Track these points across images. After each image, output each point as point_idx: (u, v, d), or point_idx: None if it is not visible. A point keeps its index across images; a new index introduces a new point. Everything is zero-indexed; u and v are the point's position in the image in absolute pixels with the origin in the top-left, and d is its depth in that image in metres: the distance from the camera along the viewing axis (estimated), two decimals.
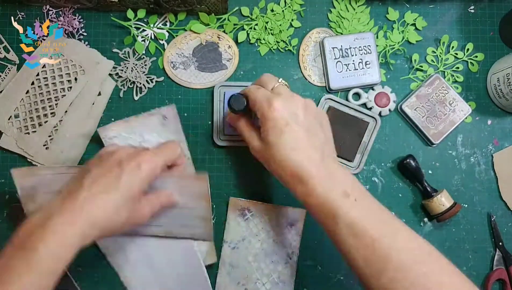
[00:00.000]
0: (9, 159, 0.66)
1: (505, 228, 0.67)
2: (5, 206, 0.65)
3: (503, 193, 0.68)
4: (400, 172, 0.67)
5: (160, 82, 0.67)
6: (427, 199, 0.65)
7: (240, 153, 0.67)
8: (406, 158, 0.66)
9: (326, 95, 0.66)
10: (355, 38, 0.67)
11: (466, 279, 0.46)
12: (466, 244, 0.67)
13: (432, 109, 0.67)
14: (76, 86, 0.66)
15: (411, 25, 0.69)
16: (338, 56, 0.67)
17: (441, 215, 0.64)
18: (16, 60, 0.67)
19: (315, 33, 0.69)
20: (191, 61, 0.68)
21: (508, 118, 0.69)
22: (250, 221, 0.64)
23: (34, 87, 0.66)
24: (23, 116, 0.66)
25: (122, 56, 0.67)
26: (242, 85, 0.66)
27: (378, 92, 0.67)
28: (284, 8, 0.68)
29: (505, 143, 0.68)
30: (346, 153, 0.66)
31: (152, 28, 0.68)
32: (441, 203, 0.64)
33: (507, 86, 0.64)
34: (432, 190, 0.65)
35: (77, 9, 0.68)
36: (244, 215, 0.64)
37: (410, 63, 0.69)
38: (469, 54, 0.69)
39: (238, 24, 0.68)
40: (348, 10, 0.69)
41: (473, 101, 0.69)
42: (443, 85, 0.67)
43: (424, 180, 0.65)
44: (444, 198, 0.64)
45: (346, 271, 0.66)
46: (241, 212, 0.64)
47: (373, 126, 0.66)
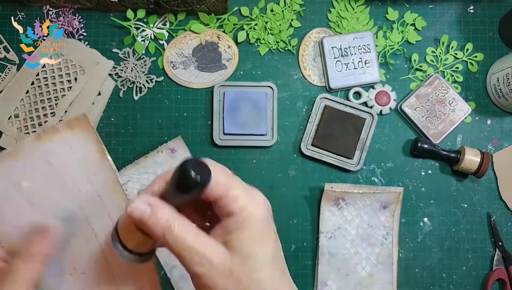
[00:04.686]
0: None
1: (504, 228, 0.67)
2: None
3: (503, 193, 0.67)
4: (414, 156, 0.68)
5: (160, 82, 0.68)
6: (457, 164, 0.66)
7: (240, 153, 0.67)
8: (416, 143, 0.66)
9: (321, 94, 0.67)
10: (354, 37, 0.67)
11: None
12: (466, 244, 0.67)
13: (432, 109, 0.67)
14: (76, 86, 0.66)
15: (411, 25, 0.69)
16: (337, 56, 0.67)
17: (478, 169, 0.64)
18: (16, 60, 0.67)
19: (314, 33, 0.69)
20: (190, 61, 0.68)
21: (508, 118, 0.69)
22: (344, 209, 0.65)
23: (34, 87, 0.66)
24: (23, 116, 0.66)
25: (122, 56, 0.67)
26: (242, 85, 0.66)
27: (378, 91, 0.67)
28: (283, 8, 0.69)
29: (504, 143, 0.68)
30: (345, 150, 0.66)
31: (152, 28, 0.68)
32: (471, 159, 0.64)
33: (506, 86, 0.64)
34: (454, 153, 0.66)
35: (77, 9, 0.68)
36: (338, 204, 0.65)
37: (409, 63, 0.69)
38: (468, 54, 0.69)
39: (238, 24, 0.68)
40: (347, 10, 0.69)
41: (473, 101, 0.69)
42: (442, 85, 0.67)
43: (442, 153, 0.66)
44: (468, 153, 0.65)
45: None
46: (334, 202, 0.65)
47: (370, 122, 0.66)
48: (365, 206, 0.65)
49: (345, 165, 0.66)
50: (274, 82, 0.67)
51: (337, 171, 0.67)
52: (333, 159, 0.66)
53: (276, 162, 0.67)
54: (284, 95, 0.68)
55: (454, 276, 0.66)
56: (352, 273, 0.64)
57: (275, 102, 0.66)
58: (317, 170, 0.67)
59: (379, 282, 0.64)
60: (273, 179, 0.67)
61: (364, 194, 0.64)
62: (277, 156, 0.67)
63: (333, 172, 0.67)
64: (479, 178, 0.66)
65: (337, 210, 0.65)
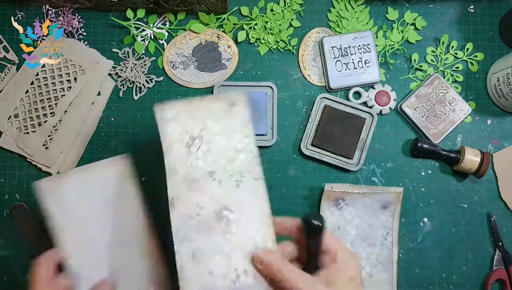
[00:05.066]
0: (9, 159, 0.66)
1: (504, 228, 0.67)
2: (5, 206, 0.65)
3: (503, 193, 0.67)
4: (414, 156, 0.68)
5: (159, 81, 0.67)
6: (457, 164, 0.65)
7: None
8: (416, 143, 0.66)
9: (321, 94, 0.66)
10: (354, 37, 0.67)
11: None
12: (466, 244, 0.67)
13: (432, 108, 0.67)
14: (76, 86, 0.66)
15: (411, 25, 0.69)
16: (337, 55, 0.67)
17: (478, 169, 0.64)
18: (15, 60, 0.67)
19: (314, 32, 0.69)
20: (190, 60, 0.68)
21: (508, 118, 0.69)
22: (344, 209, 0.65)
23: (33, 87, 0.66)
24: (23, 116, 0.66)
25: (121, 56, 0.67)
26: (242, 85, 0.66)
27: (378, 91, 0.67)
28: (283, 8, 0.68)
29: (504, 143, 0.68)
30: (345, 150, 0.66)
31: (151, 28, 0.68)
32: (471, 159, 0.64)
33: (507, 85, 0.64)
34: (454, 153, 0.66)
35: (77, 9, 0.68)
36: (338, 204, 0.65)
37: (409, 62, 0.69)
38: (468, 53, 0.69)
39: (238, 23, 0.68)
40: (347, 9, 0.69)
41: (473, 101, 0.69)
42: (442, 85, 0.67)
43: (442, 153, 0.66)
44: (468, 153, 0.64)
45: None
46: (334, 202, 0.65)
47: (370, 122, 0.66)
48: (365, 207, 0.65)
49: (345, 165, 0.66)
50: (274, 82, 0.67)
51: (337, 171, 0.67)
52: (333, 159, 0.66)
53: (276, 162, 0.67)
54: (284, 95, 0.68)
55: (454, 276, 0.66)
56: None
57: (275, 102, 0.66)
58: (317, 170, 0.67)
59: (378, 282, 0.64)
60: (273, 179, 0.67)
61: (364, 194, 0.64)
62: (277, 156, 0.67)
63: (333, 172, 0.67)
64: (479, 178, 0.66)
65: (337, 210, 0.65)
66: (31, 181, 0.65)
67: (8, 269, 0.65)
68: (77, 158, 0.66)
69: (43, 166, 0.65)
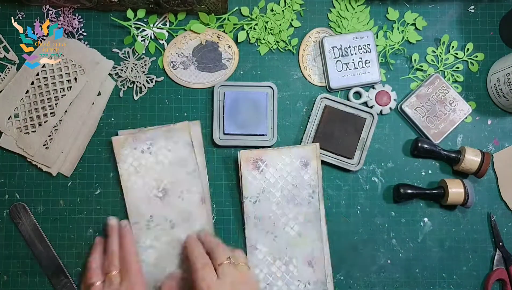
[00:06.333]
0: (9, 159, 0.66)
1: (505, 228, 0.67)
2: (5, 206, 0.65)
3: (503, 193, 0.67)
4: (414, 156, 0.67)
5: (160, 82, 0.67)
6: (457, 164, 0.65)
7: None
8: (416, 143, 0.66)
9: (321, 94, 0.66)
10: (354, 37, 0.67)
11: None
12: (466, 244, 0.67)
13: (432, 109, 0.67)
14: (76, 86, 0.66)
15: (411, 25, 0.69)
16: (337, 55, 0.67)
17: (479, 169, 0.64)
18: (16, 60, 0.67)
19: (315, 33, 0.69)
20: (191, 61, 0.68)
21: (508, 118, 0.69)
22: (266, 171, 0.65)
23: (34, 87, 0.66)
24: (23, 116, 0.66)
25: (122, 56, 0.67)
26: (242, 85, 0.66)
27: (378, 91, 0.67)
28: (284, 8, 0.68)
29: (505, 143, 0.68)
30: (346, 150, 0.66)
31: (152, 28, 0.68)
32: (471, 159, 0.64)
33: (507, 85, 0.64)
34: (455, 153, 0.66)
35: (77, 9, 0.68)
36: (258, 167, 0.64)
37: (410, 63, 0.69)
38: (469, 54, 0.69)
39: (238, 24, 0.68)
40: (348, 9, 0.69)
41: (473, 101, 0.69)
42: (443, 85, 0.67)
43: (442, 153, 0.66)
44: (469, 153, 0.64)
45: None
46: (254, 165, 0.64)
47: (370, 122, 0.66)
48: (286, 166, 0.65)
49: (345, 165, 0.66)
50: (274, 82, 0.67)
51: (337, 171, 0.67)
52: (333, 159, 0.66)
53: None
54: (284, 95, 0.68)
55: (454, 276, 0.66)
56: (280, 235, 0.64)
57: (275, 102, 0.66)
58: None
59: (308, 239, 0.64)
60: None
61: (281, 151, 0.65)
62: None
63: (333, 172, 0.67)
64: (479, 178, 0.66)
65: (258, 173, 0.65)
66: (31, 181, 0.66)
67: (8, 269, 0.65)
68: (77, 158, 0.66)
69: (43, 166, 0.65)
